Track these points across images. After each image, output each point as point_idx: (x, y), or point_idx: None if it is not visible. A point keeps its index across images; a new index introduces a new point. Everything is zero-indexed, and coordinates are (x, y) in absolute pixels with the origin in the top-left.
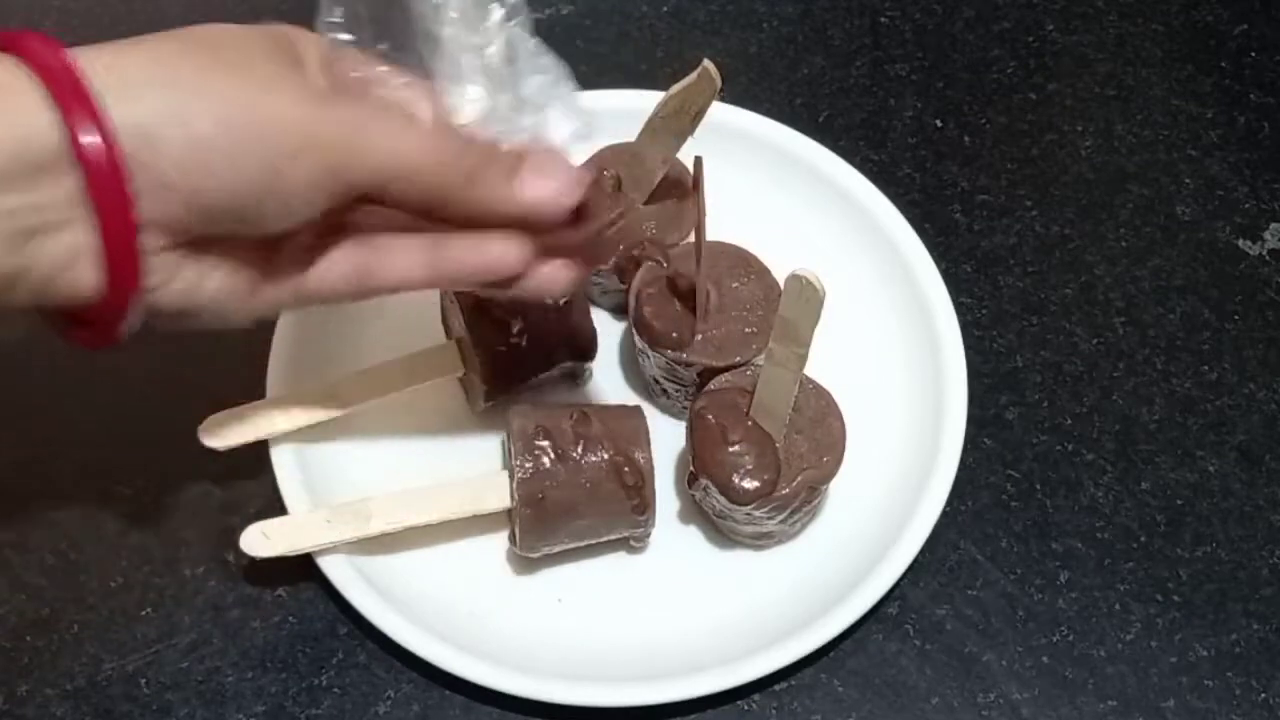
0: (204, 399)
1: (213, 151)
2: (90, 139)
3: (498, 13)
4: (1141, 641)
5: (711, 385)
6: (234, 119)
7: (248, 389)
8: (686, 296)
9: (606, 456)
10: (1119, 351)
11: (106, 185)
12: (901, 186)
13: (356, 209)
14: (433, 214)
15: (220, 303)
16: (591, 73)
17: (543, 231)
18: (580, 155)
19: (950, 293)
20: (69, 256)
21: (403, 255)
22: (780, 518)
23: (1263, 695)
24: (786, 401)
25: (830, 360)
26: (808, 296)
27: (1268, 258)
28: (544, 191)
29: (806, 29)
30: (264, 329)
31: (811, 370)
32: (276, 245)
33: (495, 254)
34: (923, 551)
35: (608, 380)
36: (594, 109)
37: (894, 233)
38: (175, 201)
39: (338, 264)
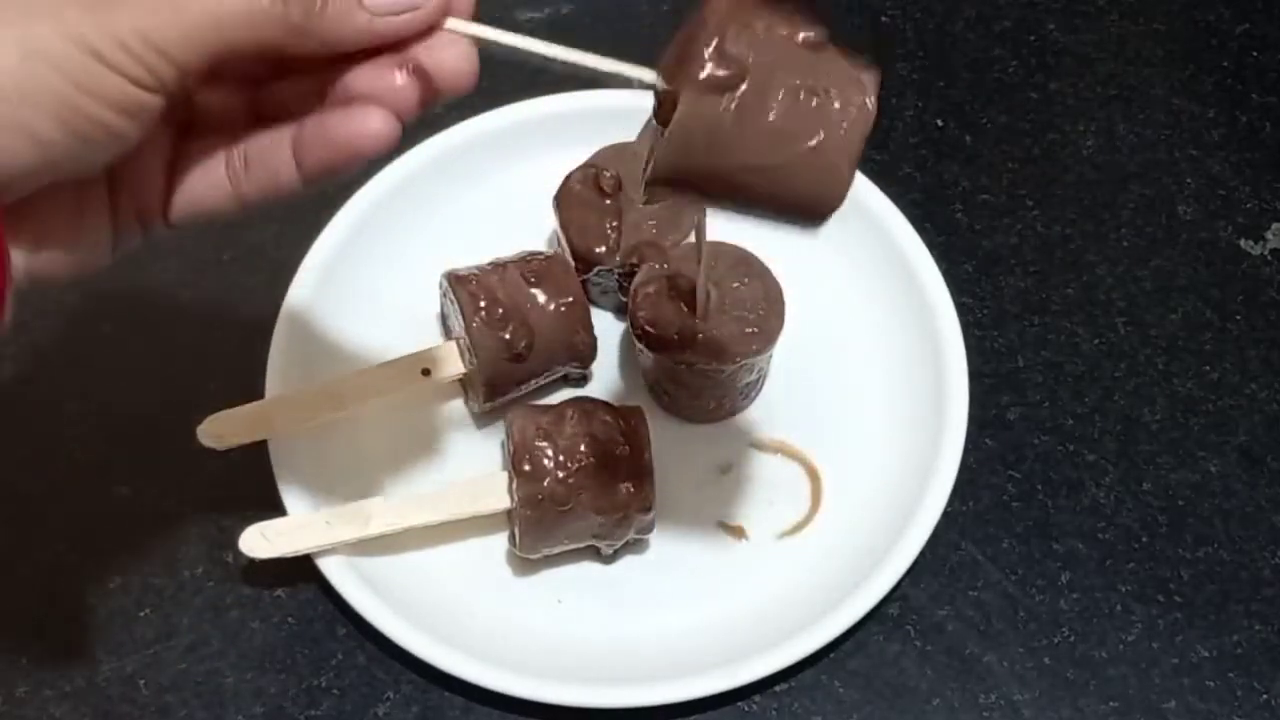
0: (204, 399)
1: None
2: None
3: None
4: (1143, 642)
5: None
6: (3, 77)
7: (248, 389)
8: (686, 296)
9: (606, 457)
10: (1120, 352)
11: None
12: (902, 186)
13: (195, 104)
14: (278, 70)
15: (62, 269)
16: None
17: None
18: (580, 154)
19: (951, 293)
20: None
21: (272, 146)
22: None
23: (1265, 696)
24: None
25: (831, 360)
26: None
27: (1269, 258)
28: None
29: None
30: (264, 329)
31: (811, 370)
32: (124, 175)
33: (365, 121)
34: (924, 552)
35: (608, 380)
36: (594, 109)
37: (894, 232)
38: None
39: (202, 175)
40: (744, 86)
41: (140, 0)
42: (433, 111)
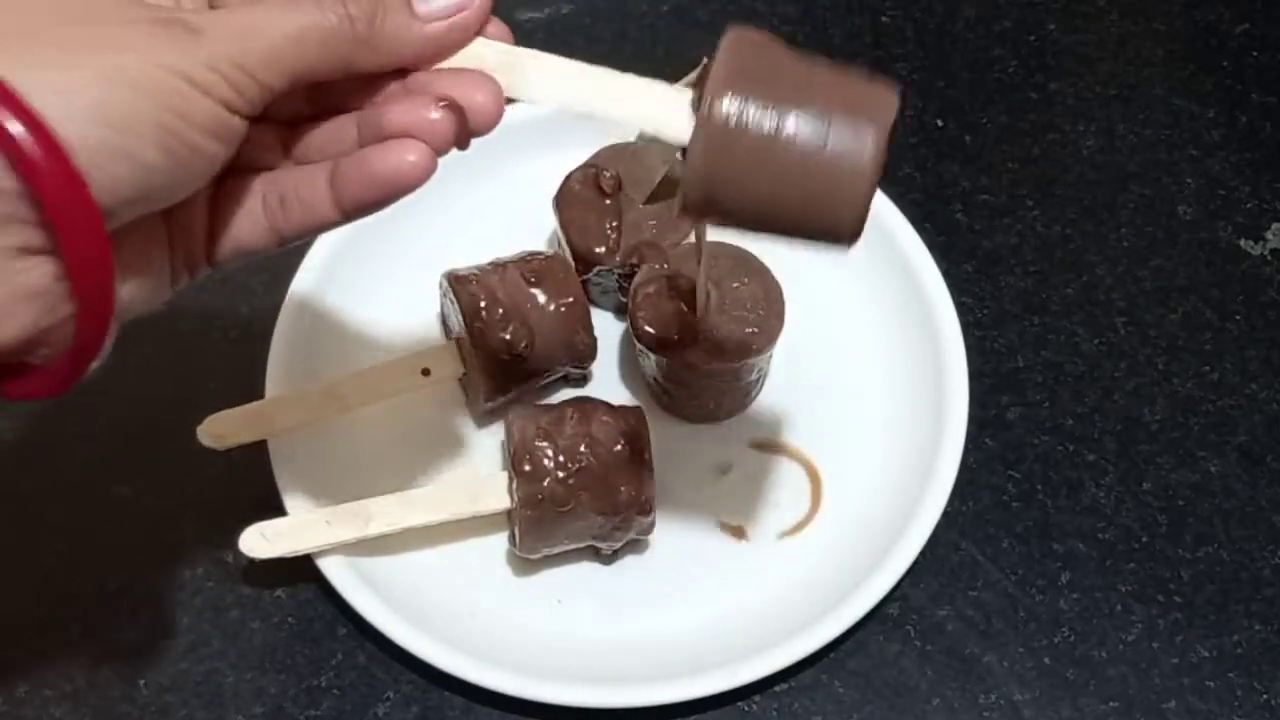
0: (204, 399)
1: (104, 148)
2: (17, 128)
3: None
4: (1143, 642)
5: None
6: (109, 107)
7: (248, 389)
8: (686, 296)
9: (606, 457)
10: (1120, 352)
11: (57, 185)
12: (902, 186)
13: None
14: (315, 108)
15: (134, 304)
16: None
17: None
18: (580, 154)
19: (951, 293)
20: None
21: (309, 183)
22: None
23: (1265, 696)
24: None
25: (831, 360)
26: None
27: (1269, 257)
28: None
29: (807, 28)
30: (264, 329)
31: (811, 370)
32: (174, 214)
33: (403, 154)
34: (924, 552)
35: (608, 380)
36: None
37: (895, 232)
38: None
39: (241, 214)
40: (762, 104)
41: (223, 27)
42: (463, 152)
